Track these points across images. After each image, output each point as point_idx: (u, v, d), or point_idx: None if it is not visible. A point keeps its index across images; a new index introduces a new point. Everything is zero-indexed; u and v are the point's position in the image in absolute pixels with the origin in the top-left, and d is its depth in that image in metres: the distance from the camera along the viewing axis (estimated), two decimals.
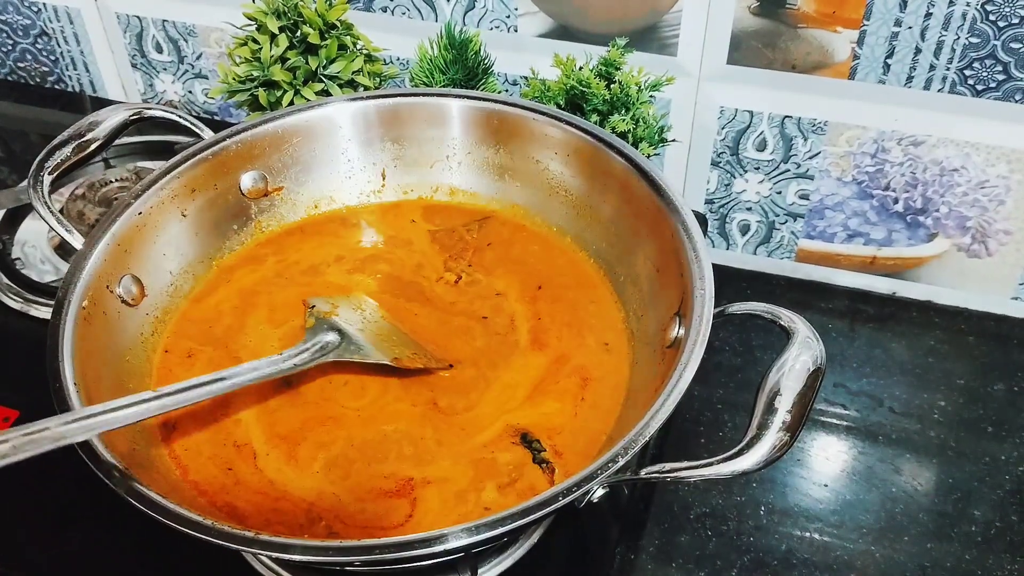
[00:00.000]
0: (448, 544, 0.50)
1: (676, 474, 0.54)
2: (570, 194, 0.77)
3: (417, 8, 0.97)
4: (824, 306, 0.95)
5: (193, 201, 0.75)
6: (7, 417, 0.78)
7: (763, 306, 0.60)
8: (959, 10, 0.78)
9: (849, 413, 0.84)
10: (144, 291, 0.71)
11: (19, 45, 1.21)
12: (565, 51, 0.87)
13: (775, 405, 0.54)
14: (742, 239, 0.99)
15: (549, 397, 0.67)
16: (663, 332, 0.65)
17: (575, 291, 0.74)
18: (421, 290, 0.75)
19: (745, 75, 0.88)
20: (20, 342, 0.87)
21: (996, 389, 0.86)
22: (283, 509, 0.60)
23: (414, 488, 0.61)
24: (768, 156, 0.92)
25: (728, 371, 0.88)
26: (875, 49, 0.82)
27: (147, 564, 0.70)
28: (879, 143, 0.87)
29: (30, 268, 0.93)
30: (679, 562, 0.73)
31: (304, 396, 0.67)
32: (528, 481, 0.61)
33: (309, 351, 0.66)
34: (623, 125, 0.79)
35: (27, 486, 0.73)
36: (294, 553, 0.50)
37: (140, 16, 1.11)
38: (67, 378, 0.59)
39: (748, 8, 0.84)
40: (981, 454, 0.81)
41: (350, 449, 0.64)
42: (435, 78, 0.85)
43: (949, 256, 0.91)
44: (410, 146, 0.81)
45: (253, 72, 0.83)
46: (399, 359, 0.68)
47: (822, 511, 0.77)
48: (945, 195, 0.88)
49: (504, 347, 0.70)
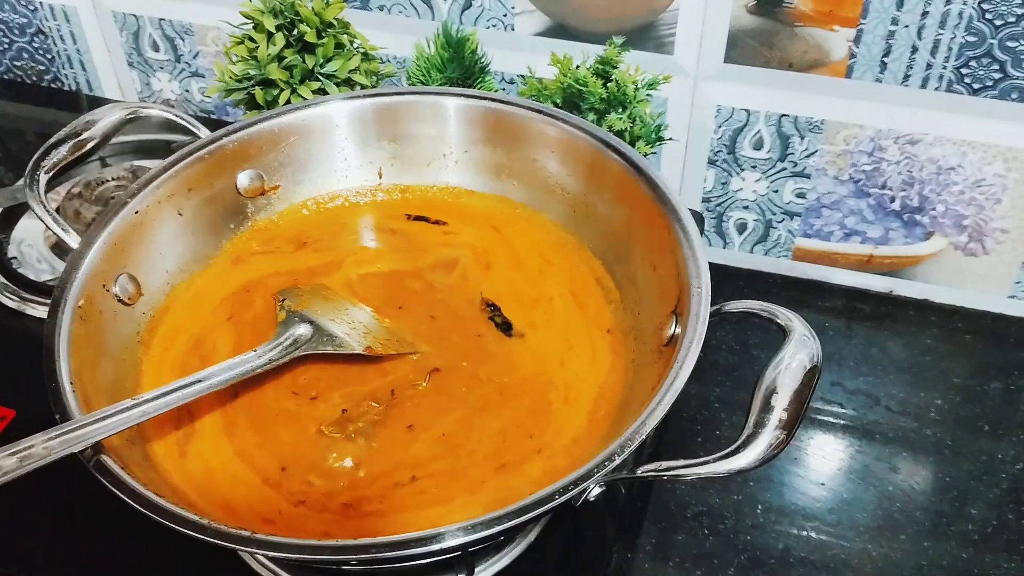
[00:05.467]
0: (444, 543, 0.50)
1: (673, 472, 0.54)
2: (567, 192, 0.77)
3: (414, 7, 0.96)
4: (821, 304, 0.95)
5: (190, 200, 0.75)
6: (3, 416, 0.78)
7: (760, 304, 0.60)
8: (956, 8, 0.78)
9: (846, 412, 0.84)
10: (140, 290, 0.71)
11: (15, 43, 1.21)
12: (562, 50, 0.87)
13: (771, 403, 0.54)
14: (739, 237, 0.99)
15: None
16: (659, 330, 0.65)
17: (571, 289, 0.74)
18: (413, 283, 0.75)
19: (742, 74, 0.88)
20: (16, 341, 0.87)
21: (993, 388, 0.86)
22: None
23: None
24: (765, 155, 0.92)
25: (725, 369, 0.88)
26: (872, 48, 0.82)
27: (146, 562, 0.70)
28: (876, 141, 0.87)
29: (26, 267, 0.93)
30: (676, 561, 0.73)
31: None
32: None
33: (282, 345, 0.67)
34: (620, 124, 0.79)
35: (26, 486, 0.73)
36: (289, 552, 0.50)
37: (137, 14, 1.11)
38: (63, 378, 0.59)
39: (745, 6, 0.84)
40: (978, 453, 0.81)
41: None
42: (432, 77, 0.85)
43: (946, 254, 0.92)
44: (407, 145, 0.81)
45: (250, 71, 0.83)
46: (371, 348, 0.68)
47: (819, 510, 0.77)
48: (942, 193, 0.88)
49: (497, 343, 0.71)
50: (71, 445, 0.54)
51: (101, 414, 0.57)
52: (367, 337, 0.69)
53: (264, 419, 0.66)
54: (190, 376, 0.62)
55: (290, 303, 0.71)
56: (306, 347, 0.67)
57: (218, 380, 0.63)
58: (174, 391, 0.61)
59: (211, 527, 0.51)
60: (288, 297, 0.72)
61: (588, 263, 0.75)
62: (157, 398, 0.60)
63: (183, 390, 0.61)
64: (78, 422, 0.56)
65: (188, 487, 0.62)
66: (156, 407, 0.59)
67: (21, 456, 0.53)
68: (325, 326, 0.69)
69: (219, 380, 0.63)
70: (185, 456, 0.64)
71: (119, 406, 0.58)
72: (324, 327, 0.69)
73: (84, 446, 0.55)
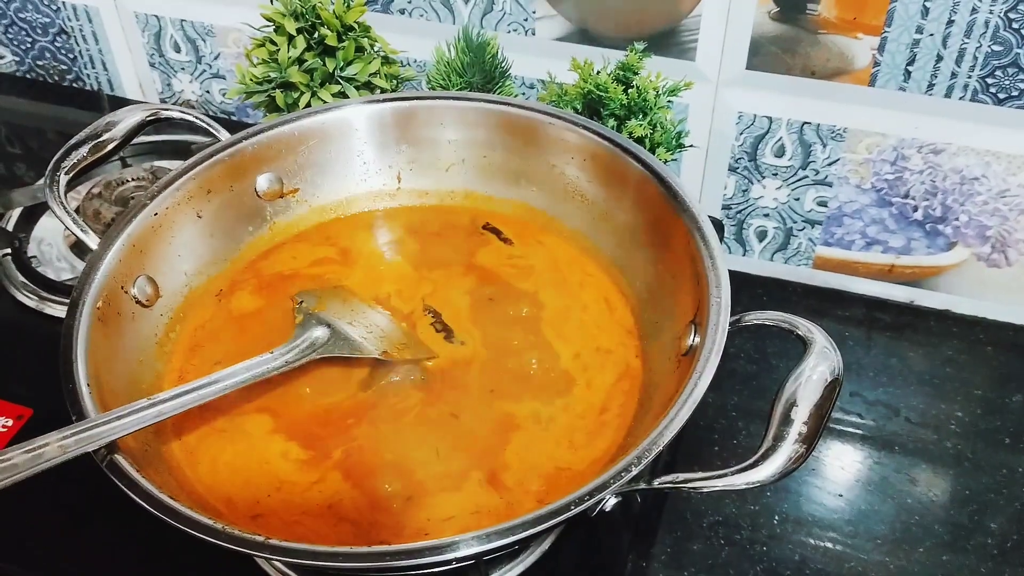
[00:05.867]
0: (459, 552, 0.50)
1: (690, 485, 0.54)
2: (586, 199, 0.77)
3: (435, 10, 0.96)
4: (841, 314, 0.95)
5: (209, 202, 0.75)
6: (21, 415, 0.78)
7: (780, 315, 0.60)
8: (982, 18, 0.77)
9: (865, 422, 0.83)
10: (159, 292, 0.71)
11: (38, 43, 1.22)
12: (583, 55, 0.87)
13: (791, 416, 0.53)
14: (759, 245, 0.98)
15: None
16: (678, 340, 0.64)
17: (589, 297, 0.73)
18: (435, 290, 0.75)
19: (764, 81, 0.87)
20: (35, 340, 0.87)
21: (1014, 400, 0.85)
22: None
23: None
24: (786, 162, 0.91)
25: (743, 378, 0.87)
26: (896, 56, 0.82)
27: (156, 562, 0.70)
28: (899, 151, 0.86)
29: (46, 266, 0.93)
30: (691, 571, 0.73)
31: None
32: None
33: (299, 348, 0.67)
34: (640, 130, 0.79)
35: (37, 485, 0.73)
36: (303, 559, 0.50)
37: (158, 15, 1.11)
38: (80, 379, 0.59)
39: (768, 13, 0.84)
40: (998, 466, 0.80)
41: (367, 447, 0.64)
42: (452, 81, 0.85)
43: (968, 265, 0.91)
44: (426, 149, 0.81)
45: (270, 73, 0.83)
46: (388, 352, 0.68)
47: (836, 521, 0.76)
48: (965, 204, 0.87)
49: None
50: (85, 444, 0.54)
51: (116, 414, 0.57)
52: (384, 341, 0.69)
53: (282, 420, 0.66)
54: (206, 377, 0.62)
55: (308, 305, 0.71)
56: (323, 350, 0.67)
57: (234, 381, 0.63)
58: (190, 392, 0.61)
59: (225, 531, 0.51)
60: (306, 299, 0.72)
61: (606, 270, 0.75)
62: (173, 398, 0.60)
63: (199, 391, 0.61)
64: (93, 421, 0.56)
65: (203, 489, 0.62)
66: (172, 407, 0.59)
67: (35, 454, 0.53)
68: (342, 329, 0.69)
69: (235, 381, 0.63)
70: (199, 458, 0.64)
71: (134, 406, 0.58)
72: (341, 330, 0.69)
73: (98, 445, 0.55)
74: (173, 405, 0.60)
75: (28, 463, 0.53)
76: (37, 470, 0.53)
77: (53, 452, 0.53)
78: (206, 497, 0.61)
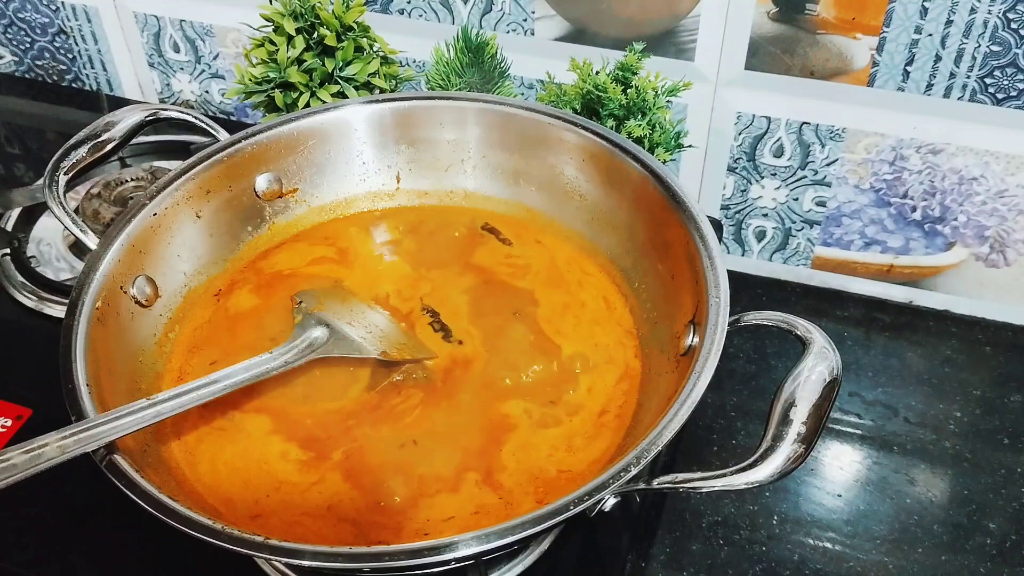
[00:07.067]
0: (458, 552, 0.50)
1: (689, 485, 0.54)
2: (585, 199, 0.77)
3: (434, 10, 0.96)
4: (840, 314, 0.95)
5: (208, 202, 0.75)
6: (20, 415, 0.78)
7: (779, 316, 0.60)
8: (980, 18, 0.78)
9: (864, 422, 0.83)
10: (158, 292, 0.71)
11: (37, 43, 1.22)
12: (582, 55, 0.87)
13: (790, 416, 0.53)
14: (758, 245, 0.98)
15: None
16: (677, 340, 0.64)
17: (588, 297, 0.73)
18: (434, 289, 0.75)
19: (763, 81, 0.87)
20: (34, 340, 0.87)
21: (1013, 400, 0.85)
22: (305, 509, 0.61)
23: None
24: (785, 162, 0.91)
25: (742, 378, 0.87)
26: (895, 56, 0.82)
27: (156, 562, 0.70)
28: (897, 151, 0.86)
29: (45, 266, 0.93)
30: (690, 571, 0.73)
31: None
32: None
33: (298, 348, 0.67)
34: (639, 130, 0.79)
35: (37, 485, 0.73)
36: (302, 559, 0.50)
37: (157, 15, 1.11)
38: (79, 379, 0.59)
39: (767, 13, 0.84)
40: (997, 466, 0.80)
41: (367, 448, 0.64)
42: (451, 81, 0.85)
43: (967, 265, 0.91)
44: (425, 149, 0.81)
45: (270, 73, 0.83)
46: (387, 352, 0.68)
47: (835, 521, 0.76)
48: (964, 204, 0.87)
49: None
50: (85, 444, 0.54)
51: (115, 414, 0.57)
52: (383, 341, 0.69)
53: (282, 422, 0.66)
54: (205, 377, 0.62)
55: (307, 305, 0.71)
56: (322, 350, 0.67)
57: (233, 382, 0.63)
58: (189, 392, 0.61)
59: (224, 531, 0.51)
60: (305, 299, 0.72)
61: (605, 270, 0.75)
62: (172, 399, 0.60)
63: (198, 391, 0.61)
64: (92, 421, 0.56)
65: (202, 489, 0.62)
66: (171, 408, 0.59)
67: (35, 454, 0.53)
68: (341, 329, 0.69)
69: (234, 382, 0.63)
70: (198, 458, 0.64)
71: (134, 406, 0.58)
72: (340, 330, 0.69)
73: (97, 445, 0.55)
74: (172, 405, 0.59)
75: (27, 463, 0.53)
76: (36, 470, 0.53)
77: (52, 452, 0.53)
78: (205, 497, 0.61)
